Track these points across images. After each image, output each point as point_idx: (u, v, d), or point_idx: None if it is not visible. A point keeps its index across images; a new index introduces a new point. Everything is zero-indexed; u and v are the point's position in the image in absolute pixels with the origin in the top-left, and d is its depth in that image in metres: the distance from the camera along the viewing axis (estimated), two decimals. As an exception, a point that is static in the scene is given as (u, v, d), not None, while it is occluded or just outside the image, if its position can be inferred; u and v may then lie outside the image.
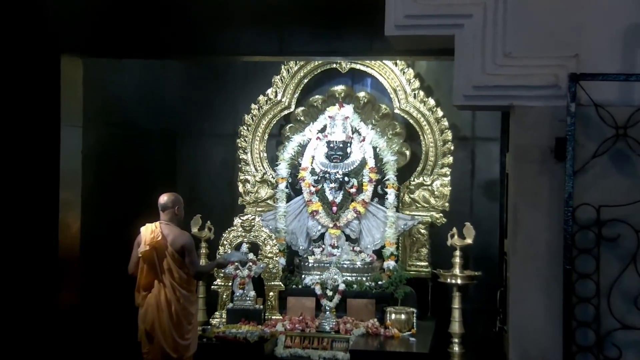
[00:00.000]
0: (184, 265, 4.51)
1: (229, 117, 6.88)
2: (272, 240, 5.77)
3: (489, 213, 5.78)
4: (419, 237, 6.25)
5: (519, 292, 3.08)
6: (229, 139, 6.79)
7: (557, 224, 2.99)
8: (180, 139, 6.99)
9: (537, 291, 3.05)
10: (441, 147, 6.26)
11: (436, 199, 6.24)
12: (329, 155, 6.13)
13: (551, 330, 2.98)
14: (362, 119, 6.27)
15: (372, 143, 6.16)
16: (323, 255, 6.02)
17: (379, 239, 6.09)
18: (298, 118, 6.52)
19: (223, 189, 6.84)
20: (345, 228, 6.12)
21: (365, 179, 6.10)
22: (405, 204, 6.31)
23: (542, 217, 3.05)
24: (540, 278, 3.05)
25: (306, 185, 6.16)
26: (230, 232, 5.79)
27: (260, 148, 6.60)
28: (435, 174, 6.28)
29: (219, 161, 6.96)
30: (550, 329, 2.98)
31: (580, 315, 2.96)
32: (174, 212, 4.61)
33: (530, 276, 3.07)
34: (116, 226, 5.54)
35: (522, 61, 3.14)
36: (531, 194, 3.08)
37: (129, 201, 5.92)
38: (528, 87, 3.11)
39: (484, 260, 5.70)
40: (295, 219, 6.29)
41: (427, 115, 6.27)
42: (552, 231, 3.02)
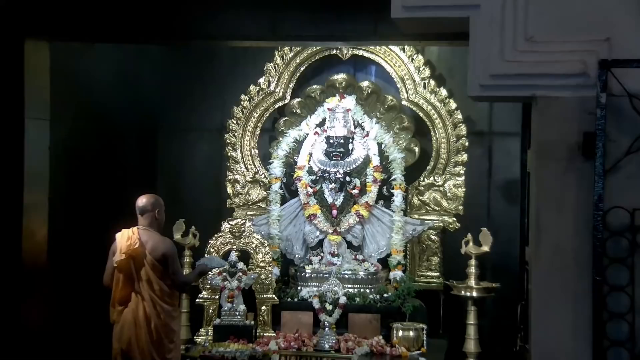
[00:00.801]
0: (165, 275, 4.49)
1: (215, 109, 6.88)
2: (265, 247, 5.75)
3: (508, 217, 5.84)
4: (429, 244, 6.24)
5: (542, 306, 3.09)
6: (216, 134, 6.79)
7: (586, 230, 3.02)
8: (160, 134, 7.00)
9: (563, 306, 3.06)
10: (454, 144, 6.24)
11: (449, 202, 6.22)
12: (329, 153, 6.12)
13: (579, 351, 3.00)
14: (365, 112, 6.26)
15: (377, 139, 6.15)
16: (322, 264, 6.01)
17: (385, 246, 6.08)
18: (294, 110, 6.50)
19: (209, 190, 6.84)
20: (346, 234, 6.11)
21: (369, 179, 6.08)
22: (414, 207, 6.30)
23: (568, 222, 3.07)
24: (567, 291, 3.06)
25: (303, 185, 6.14)
26: (218, 238, 5.76)
27: (251, 144, 6.59)
28: (447, 174, 6.26)
29: (204, 159, 6.96)
30: (578, 348, 3.00)
31: (613, 333, 2.98)
32: (154, 216, 4.59)
33: (555, 289, 3.08)
34: (88, 232, 5.54)
35: (546, 46, 3.15)
36: (556, 196, 3.09)
37: (102, 204, 5.92)
38: (553, 76, 3.12)
39: (502, 271, 5.75)
40: (290, 223, 6.27)
41: (438, 107, 6.25)
42: (580, 238, 3.04)
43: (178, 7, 4.50)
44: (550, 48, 3.14)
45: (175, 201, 6.05)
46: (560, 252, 3.08)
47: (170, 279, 4.46)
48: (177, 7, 4.50)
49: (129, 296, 4.45)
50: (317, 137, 6.25)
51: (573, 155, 3.08)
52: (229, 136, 6.59)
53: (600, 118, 2.96)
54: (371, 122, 6.20)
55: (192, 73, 6.84)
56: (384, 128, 6.24)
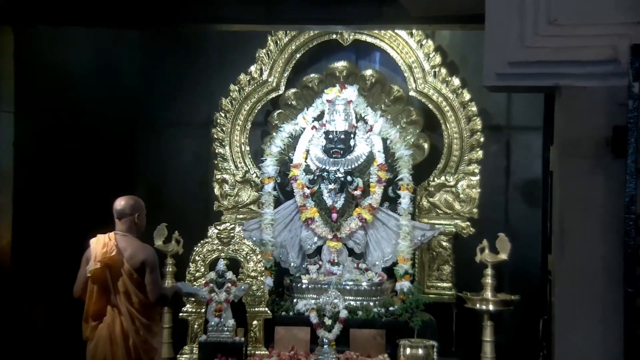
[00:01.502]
0: (144, 286, 4.46)
1: (202, 101, 6.90)
2: (256, 255, 5.73)
3: (528, 222, 5.89)
4: (440, 251, 6.24)
5: (567, 320, 3.09)
6: (202, 129, 6.80)
7: (616, 235, 3.00)
8: (140, 129, 7.01)
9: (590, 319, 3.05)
10: (468, 139, 6.25)
11: (462, 204, 6.23)
12: (328, 149, 6.12)
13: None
14: (369, 104, 6.27)
15: (382, 134, 6.14)
16: (320, 274, 6.03)
17: (390, 253, 6.09)
18: (289, 102, 6.52)
19: (195, 192, 6.86)
20: (347, 240, 6.12)
21: (373, 178, 6.09)
22: (423, 210, 6.32)
23: (596, 226, 3.06)
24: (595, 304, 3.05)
25: (299, 186, 6.14)
26: (204, 245, 5.75)
27: (242, 140, 6.60)
28: (460, 173, 6.27)
29: (189, 156, 6.99)
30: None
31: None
32: (133, 220, 4.57)
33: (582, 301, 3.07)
34: (59, 238, 5.52)
35: (571, 30, 3.14)
36: (582, 198, 3.09)
37: (75, 207, 5.92)
38: (579, 63, 3.12)
39: (522, 281, 5.77)
40: (285, 228, 6.28)
41: (450, 98, 6.25)
42: (609, 244, 3.03)
43: (159, -13, 4.50)
44: (576, 32, 3.13)
45: (156, 204, 6.04)
46: (587, 261, 3.08)
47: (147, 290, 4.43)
48: (158, -14, 4.50)
49: (104, 310, 4.42)
50: (314, 132, 6.24)
51: (601, 152, 3.07)
52: (217, 131, 6.59)
53: (632, 110, 2.95)
54: (375, 115, 6.20)
55: (176, 61, 6.86)
56: (389, 122, 6.24)
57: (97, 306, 4.43)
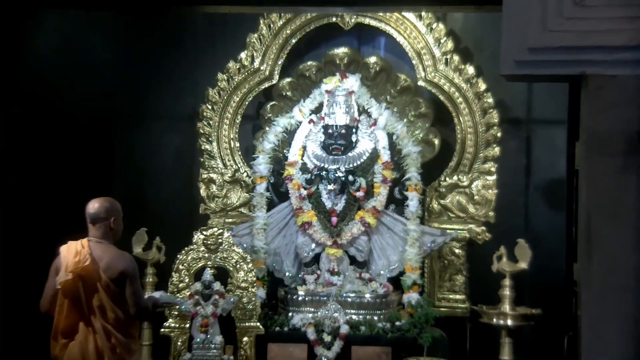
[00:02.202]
0: (122, 300, 4.44)
1: (186, 92, 6.90)
2: (247, 264, 5.67)
3: (551, 226, 5.92)
4: (452, 259, 6.25)
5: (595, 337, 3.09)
6: (187, 123, 6.82)
7: (649, 242, 2.97)
8: (118, 124, 6.99)
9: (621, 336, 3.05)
10: (484, 134, 6.25)
11: (477, 207, 6.25)
12: (327, 146, 6.12)
13: (641, 393, 2.98)
14: (372, 95, 6.26)
15: (387, 128, 6.15)
16: (318, 284, 6.02)
17: (397, 262, 6.10)
18: (283, 93, 6.52)
19: (178, 193, 6.86)
20: (349, 247, 6.12)
21: (378, 178, 6.10)
22: (433, 213, 6.33)
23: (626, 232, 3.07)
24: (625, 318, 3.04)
25: (295, 186, 6.15)
26: (189, 252, 5.69)
27: (231, 135, 6.61)
28: (475, 172, 6.28)
29: (172, 153, 6.99)
30: (640, 390, 2.98)
31: (683, 370, 2.95)
32: (109, 225, 4.54)
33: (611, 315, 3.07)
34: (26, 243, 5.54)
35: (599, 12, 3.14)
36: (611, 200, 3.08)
37: (44, 210, 5.93)
38: (607, 49, 3.12)
39: (544, 293, 5.75)
40: (279, 234, 6.29)
41: (463, 89, 6.25)
42: (642, 252, 3.00)
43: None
44: (606, 14, 3.13)
45: (135, 206, 6.05)
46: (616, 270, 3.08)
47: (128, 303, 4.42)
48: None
49: (75, 326, 4.37)
50: (312, 126, 6.26)
51: (632, 149, 3.07)
52: (203, 125, 6.60)
53: (668, 101, 2.94)
54: (380, 107, 6.20)
55: (158, 48, 6.85)
56: (395, 115, 6.24)
57: (68, 322, 4.39)
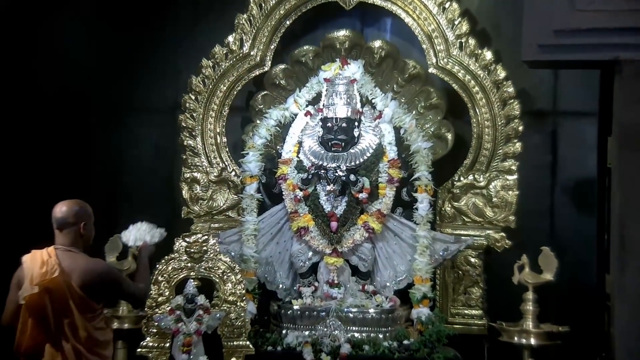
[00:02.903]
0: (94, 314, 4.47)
1: (166, 80, 6.91)
2: (236, 274, 5.59)
3: (580, 232, 5.89)
4: (467, 269, 6.22)
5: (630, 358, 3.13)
6: (167, 115, 6.82)
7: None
8: (90, 116, 6.97)
9: None
10: (503, 128, 6.20)
11: (495, 210, 6.21)
12: (326, 141, 6.11)
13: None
14: (377, 84, 6.26)
15: (394, 121, 6.13)
16: (316, 298, 6.02)
17: (404, 272, 6.10)
18: (276, 82, 6.51)
19: (157, 194, 6.88)
20: (350, 255, 6.11)
21: (383, 177, 6.09)
22: (445, 218, 6.31)
23: None
24: None
25: (289, 187, 6.14)
26: (169, 262, 5.60)
27: (217, 129, 6.58)
28: (493, 170, 6.25)
29: (150, 150, 7.00)
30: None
31: None
32: (78, 230, 4.56)
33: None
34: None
35: None
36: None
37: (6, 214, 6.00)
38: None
39: (573, 308, 5.75)
40: (271, 240, 6.29)
41: (480, 76, 6.19)
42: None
43: None
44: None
45: (110, 210, 6.19)
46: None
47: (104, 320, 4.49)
48: None
49: (41, 347, 4.39)
50: (309, 119, 6.26)
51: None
52: (186, 118, 6.56)
53: None
54: (385, 97, 6.18)
55: (135, 31, 6.85)
56: (403, 106, 6.23)
57: (32, 343, 4.38)
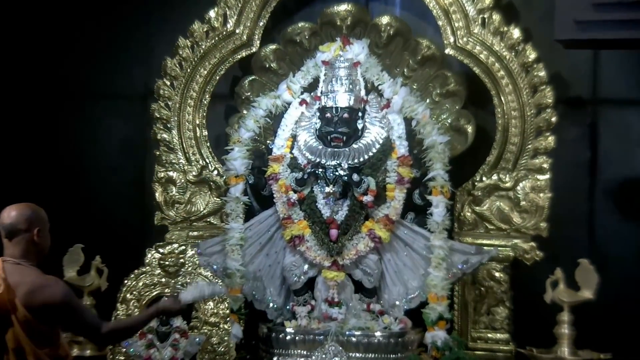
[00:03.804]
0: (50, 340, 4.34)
1: (137, 62, 6.95)
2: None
3: (624, 242, 5.95)
4: (491, 285, 6.15)
5: None
6: (138, 104, 6.89)
7: None
8: (46, 104, 6.98)
9: None
10: (533, 119, 6.13)
11: (524, 216, 6.13)
12: (325, 135, 6.07)
13: None
14: (385, 67, 6.20)
15: (405, 111, 6.05)
16: (312, 319, 5.99)
17: (417, 289, 6.05)
18: (266, 65, 6.48)
19: (126, 196, 6.93)
20: (353, 269, 6.06)
21: (391, 177, 6.04)
22: (465, 224, 6.27)
23: None
24: None
25: (281, 189, 6.09)
26: (139, 277, 5.67)
27: (196, 120, 6.56)
28: (521, 169, 6.18)
29: (118, 144, 7.03)
30: None
31: None
32: (31, 239, 4.40)
33: None
34: None
35: None
36: None
37: None
38: None
39: (616, 331, 5.69)
40: (260, 251, 6.25)
41: (507, 58, 6.13)
42: None
43: None
44: None
45: (70, 215, 6.17)
46: None
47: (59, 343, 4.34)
48: None
49: None
50: (305, 108, 6.23)
51: None
52: (159, 107, 6.52)
53: None
54: (394, 83, 6.10)
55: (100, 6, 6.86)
56: (415, 94, 6.15)
57: None
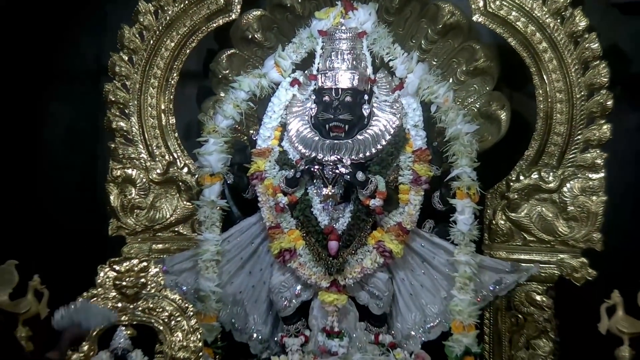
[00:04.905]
0: None
1: (85, 32, 7.01)
2: (189, 319, 5.36)
3: None
4: (531, 312, 6.06)
5: None
6: (87, 84, 7.00)
7: None
8: None
9: None
10: (584, 103, 6.04)
11: (572, 224, 6.02)
12: (322, 123, 6.00)
13: None
14: (397, 38, 6.15)
15: (422, 94, 5.97)
16: (307, 354, 5.99)
17: (437, 315, 6.04)
18: (249, 36, 6.47)
19: (72, 200, 6.95)
20: (358, 291, 6.00)
21: (406, 176, 5.95)
22: (498, 235, 6.18)
23: None
24: None
25: (268, 190, 6.01)
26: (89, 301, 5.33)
27: (162, 105, 6.52)
28: (569, 165, 6.10)
29: (62, 134, 7.10)
30: None
31: None
32: None
33: None
34: None
35: None
36: None
37: None
38: None
39: None
40: (242, 268, 6.21)
41: (550, 27, 6.05)
42: None
43: None
44: None
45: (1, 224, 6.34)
46: None
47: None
48: None
49: None
50: (297, 90, 6.17)
51: None
52: (115, 88, 6.46)
53: None
54: (409, 59, 6.00)
55: None
56: (435, 72, 6.07)
57: None
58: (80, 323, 4.86)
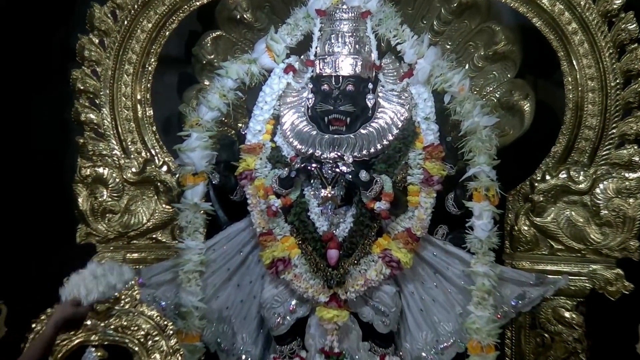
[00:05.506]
0: None
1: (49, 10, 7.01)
2: (168, 339, 5.58)
3: None
4: (559, 330, 6.09)
5: None
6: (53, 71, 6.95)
7: None
8: None
9: None
10: (619, 92, 6.04)
11: (606, 230, 6.01)
12: (321, 115, 5.93)
13: None
14: (406, 19, 6.10)
15: (434, 82, 5.89)
16: None
17: (452, 334, 5.96)
18: (237, 16, 6.51)
19: (36, 204, 6.95)
20: (361, 306, 5.93)
21: (415, 176, 5.89)
22: (521, 243, 6.18)
23: None
24: None
25: (258, 192, 5.94)
26: None
27: (137, 95, 6.51)
28: (602, 163, 6.10)
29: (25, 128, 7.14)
30: None
31: None
32: None
33: None
34: None
35: None
36: None
37: None
38: None
39: None
40: (229, 281, 6.17)
41: (581, 5, 6.09)
42: None
43: None
44: None
45: None
46: None
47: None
48: None
49: None
50: (292, 78, 6.14)
51: None
52: (83, 75, 6.44)
53: None
54: (420, 43, 5.92)
55: None
56: (449, 57, 5.99)
57: None
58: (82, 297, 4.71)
